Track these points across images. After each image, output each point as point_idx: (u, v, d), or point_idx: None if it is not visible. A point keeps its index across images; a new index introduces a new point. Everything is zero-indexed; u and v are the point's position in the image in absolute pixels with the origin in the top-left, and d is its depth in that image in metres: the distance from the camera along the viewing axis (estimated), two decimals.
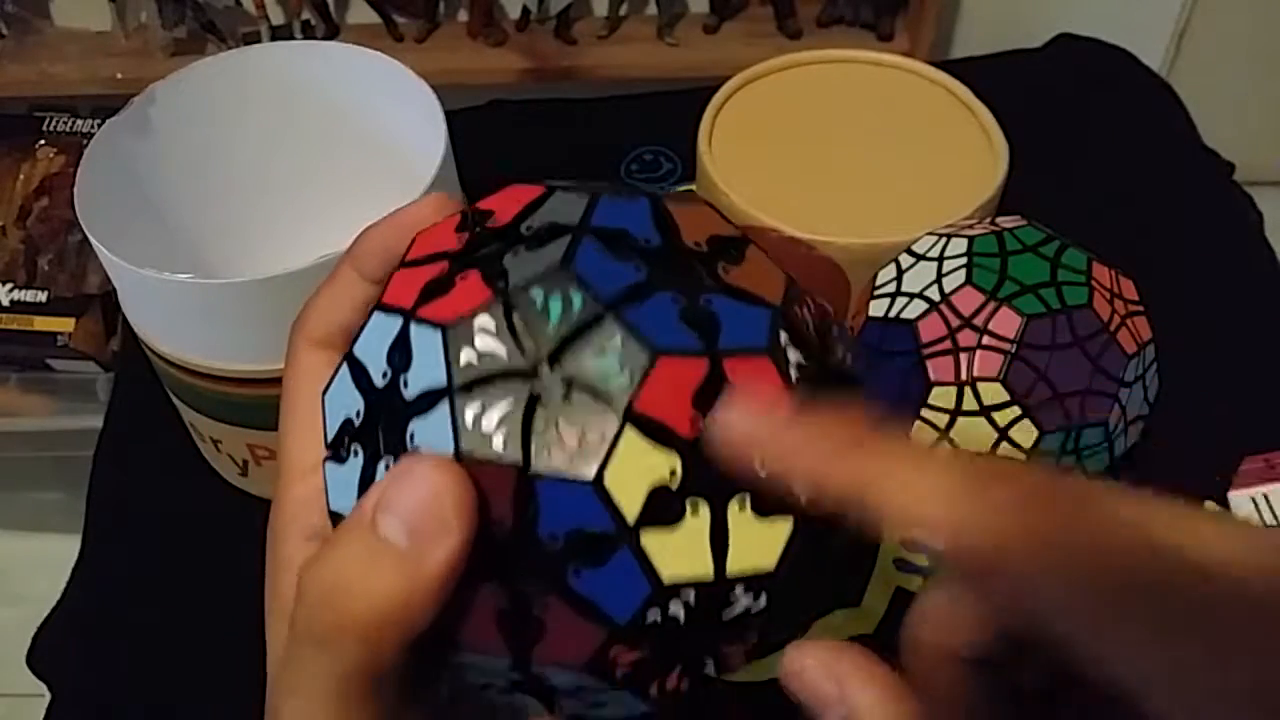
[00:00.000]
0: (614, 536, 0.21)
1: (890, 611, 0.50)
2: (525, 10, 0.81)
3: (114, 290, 0.56)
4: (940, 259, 0.48)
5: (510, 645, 0.22)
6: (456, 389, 0.22)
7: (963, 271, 0.47)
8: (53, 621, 0.56)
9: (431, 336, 0.22)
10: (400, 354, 0.23)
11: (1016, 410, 0.44)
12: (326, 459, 0.24)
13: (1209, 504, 0.52)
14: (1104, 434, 0.46)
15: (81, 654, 0.54)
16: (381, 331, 0.24)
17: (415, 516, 0.21)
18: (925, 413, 0.45)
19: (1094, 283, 0.46)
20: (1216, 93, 0.82)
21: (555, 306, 0.22)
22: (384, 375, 0.23)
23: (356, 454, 0.23)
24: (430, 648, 0.22)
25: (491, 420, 0.21)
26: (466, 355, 0.22)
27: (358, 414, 0.23)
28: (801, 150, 0.61)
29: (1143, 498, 0.20)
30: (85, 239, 0.58)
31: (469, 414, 0.22)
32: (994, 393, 0.44)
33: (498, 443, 0.21)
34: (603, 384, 0.21)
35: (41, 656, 0.55)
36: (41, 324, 0.76)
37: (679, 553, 0.21)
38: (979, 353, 0.45)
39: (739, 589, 0.22)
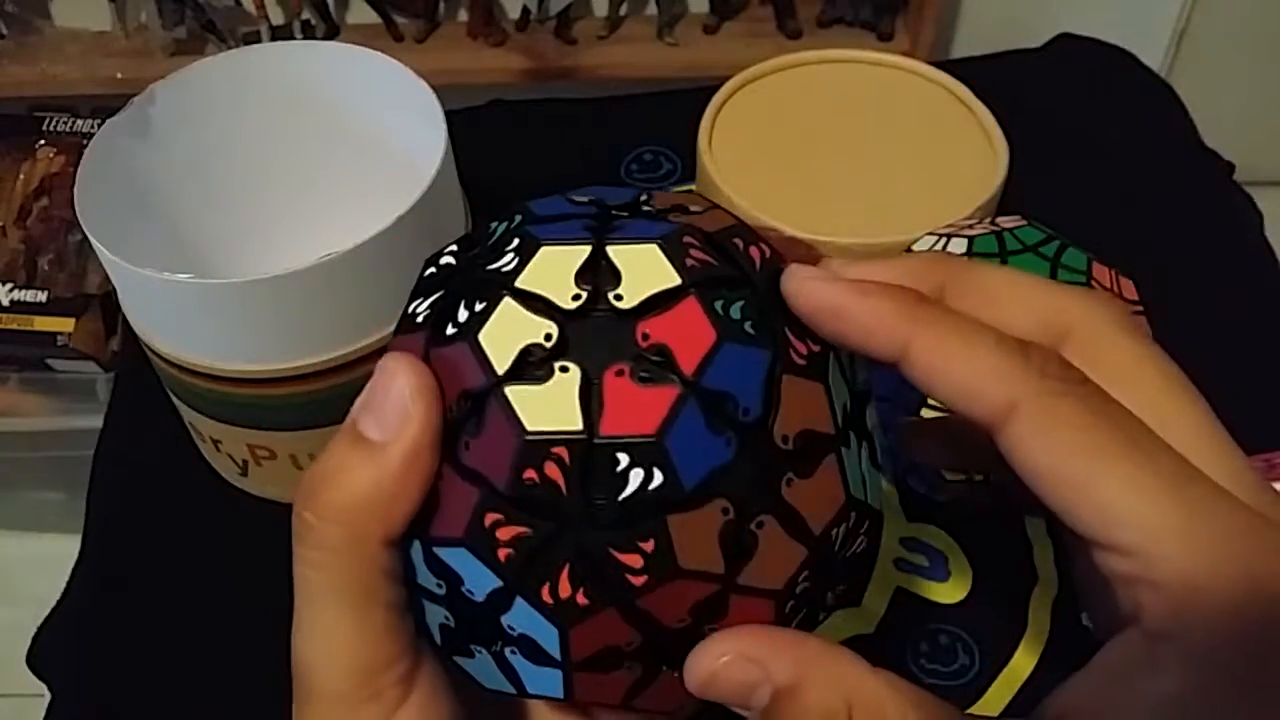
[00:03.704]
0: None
1: (890, 611, 0.50)
2: (525, 10, 0.81)
3: (114, 290, 0.56)
4: None
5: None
6: None
7: None
8: (53, 621, 0.56)
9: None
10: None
11: None
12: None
13: None
14: None
15: (81, 654, 0.54)
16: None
17: (382, 411, 0.23)
18: (925, 411, 0.45)
19: (1094, 283, 0.46)
20: (1216, 93, 0.82)
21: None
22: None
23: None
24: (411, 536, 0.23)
25: (424, 302, 0.25)
26: None
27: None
28: (802, 150, 0.61)
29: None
30: (85, 239, 0.58)
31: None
32: None
33: (420, 321, 0.25)
34: (495, 270, 0.24)
35: (41, 656, 0.55)
36: (41, 324, 0.76)
37: None
38: None
39: None
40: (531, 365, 0.22)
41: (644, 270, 0.23)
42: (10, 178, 0.81)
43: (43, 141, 0.82)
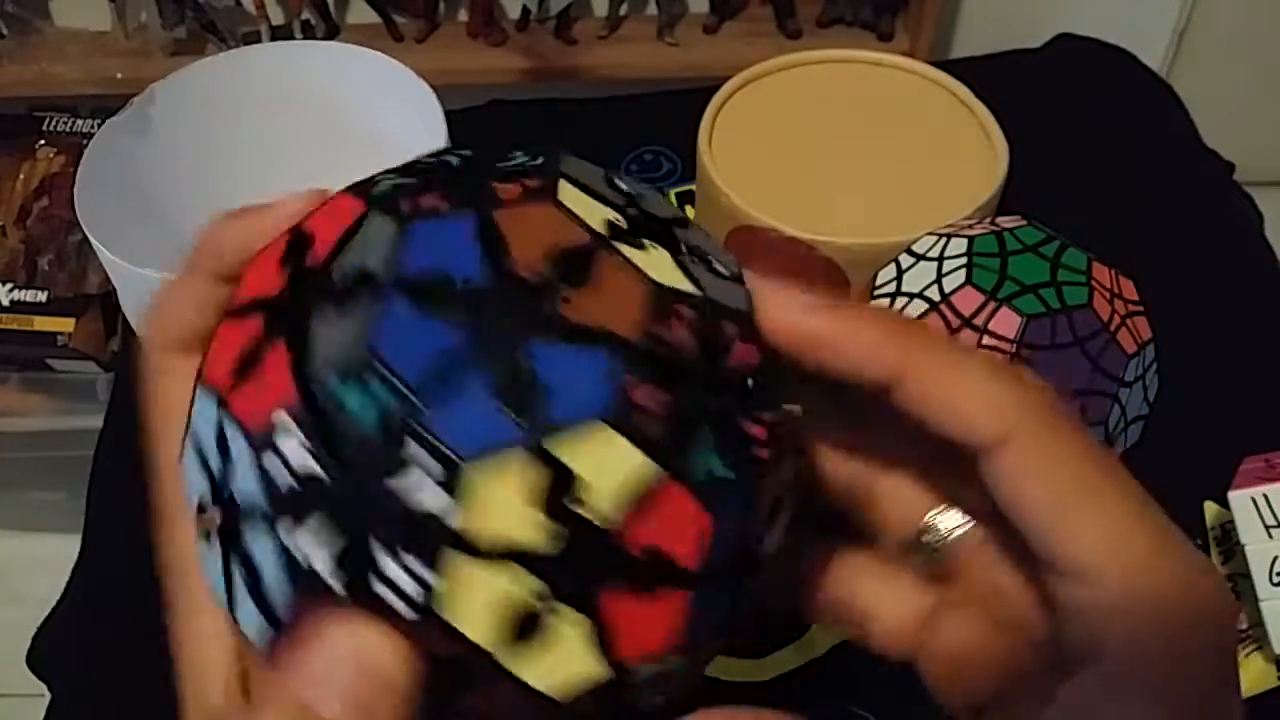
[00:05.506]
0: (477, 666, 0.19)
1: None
2: (525, 10, 0.81)
3: (114, 290, 0.56)
4: (940, 259, 0.48)
5: None
6: (276, 511, 0.19)
7: (963, 271, 0.47)
8: (53, 621, 0.56)
9: (241, 441, 0.20)
10: (222, 449, 0.20)
11: None
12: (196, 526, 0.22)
13: (1209, 504, 0.53)
14: (1104, 434, 0.46)
15: (81, 654, 0.54)
16: (205, 416, 0.21)
17: (351, 693, 0.19)
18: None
19: (1094, 283, 0.46)
20: (1216, 93, 0.82)
21: (361, 406, 0.19)
22: (217, 466, 0.20)
23: (212, 540, 0.21)
24: None
25: (320, 554, 0.19)
26: (277, 470, 0.19)
27: (207, 496, 0.21)
28: (801, 150, 0.61)
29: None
30: (85, 239, 0.58)
31: (294, 544, 0.19)
32: None
33: (333, 583, 0.19)
34: (419, 509, 0.18)
35: (41, 656, 0.55)
36: (41, 324, 0.76)
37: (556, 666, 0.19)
38: None
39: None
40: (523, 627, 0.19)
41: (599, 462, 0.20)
42: (10, 178, 0.81)
43: (43, 141, 0.82)
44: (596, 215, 0.21)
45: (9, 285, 0.77)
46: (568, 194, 0.22)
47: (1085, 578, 0.21)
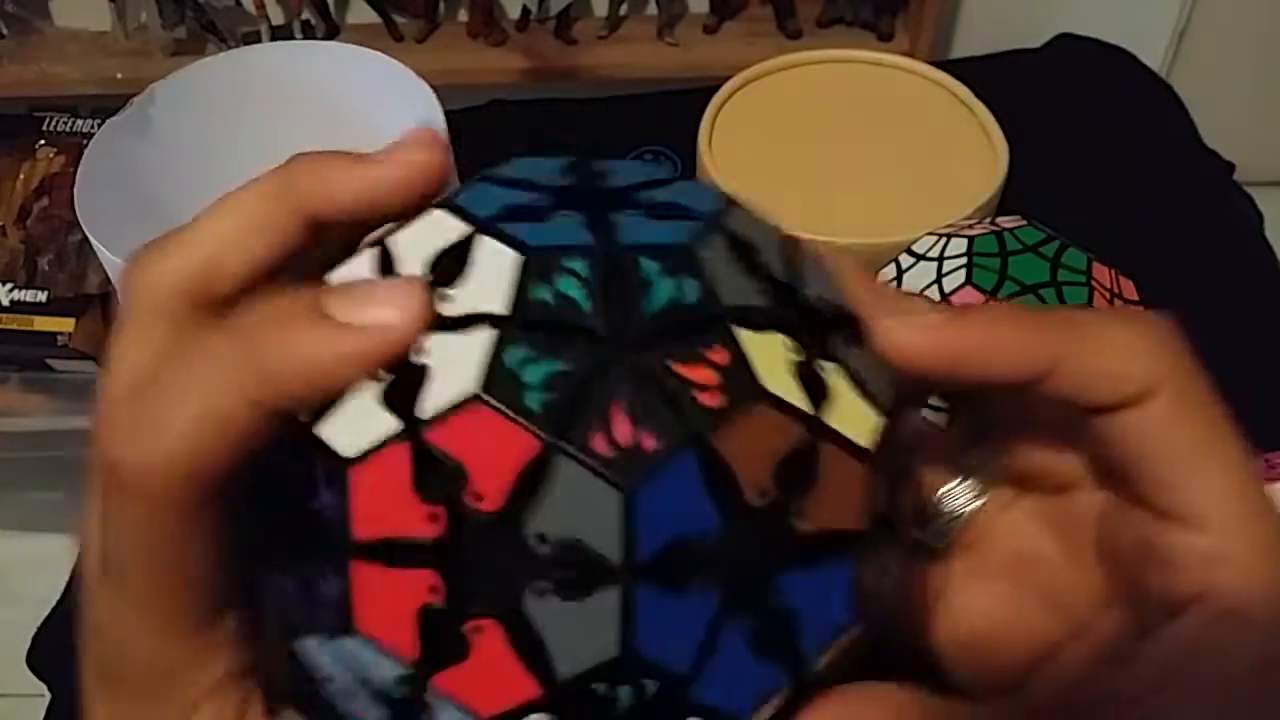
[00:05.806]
0: None
1: None
2: (525, 10, 0.81)
3: (114, 290, 0.56)
4: (940, 259, 0.48)
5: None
6: None
7: (963, 271, 0.47)
8: (53, 621, 0.56)
9: None
10: (413, 711, 0.18)
11: None
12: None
13: None
14: None
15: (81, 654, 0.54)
16: (364, 667, 0.18)
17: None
18: (926, 412, 0.45)
19: (1094, 283, 0.46)
20: (1216, 93, 0.82)
21: (627, 701, 0.17)
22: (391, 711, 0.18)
23: None
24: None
25: None
26: None
27: (348, 704, 0.19)
28: (801, 150, 0.61)
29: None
30: (85, 239, 0.58)
31: None
32: None
33: None
34: None
35: (41, 656, 0.55)
36: (41, 324, 0.76)
37: None
38: None
39: None
40: None
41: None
42: (10, 178, 0.81)
43: (43, 141, 0.82)
44: (781, 367, 0.19)
45: (9, 285, 0.77)
46: (757, 359, 0.18)
47: (1207, 524, 0.21)
